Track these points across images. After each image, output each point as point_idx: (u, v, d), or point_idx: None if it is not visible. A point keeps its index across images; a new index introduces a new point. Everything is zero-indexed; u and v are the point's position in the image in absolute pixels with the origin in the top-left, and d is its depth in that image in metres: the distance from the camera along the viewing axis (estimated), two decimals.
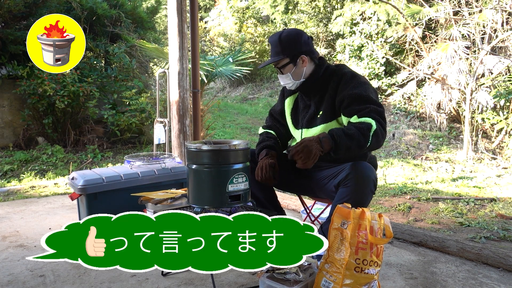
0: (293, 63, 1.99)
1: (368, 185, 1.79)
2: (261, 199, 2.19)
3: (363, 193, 1.79)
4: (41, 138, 6.31)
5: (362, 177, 1.78)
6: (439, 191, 4.66)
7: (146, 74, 8.17)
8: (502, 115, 6.82)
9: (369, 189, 1.80)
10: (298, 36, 1.98)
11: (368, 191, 1.80)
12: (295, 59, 1.98)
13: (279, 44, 1.99)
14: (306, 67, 2.00)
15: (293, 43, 1.98)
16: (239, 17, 13.15)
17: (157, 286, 1.83)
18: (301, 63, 1.99)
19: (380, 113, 1.79)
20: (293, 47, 1.98)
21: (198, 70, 3.72)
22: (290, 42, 1.98)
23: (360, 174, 1.79)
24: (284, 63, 1.99)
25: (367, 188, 1.79)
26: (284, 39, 1.98)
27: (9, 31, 5.90)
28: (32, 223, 2.91)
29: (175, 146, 3.70)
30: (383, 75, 9.03)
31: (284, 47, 1.98)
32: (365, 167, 1.82)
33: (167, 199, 2.17)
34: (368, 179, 1.79)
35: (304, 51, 1.98)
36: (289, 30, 2.02)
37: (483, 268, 2.00)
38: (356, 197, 1.78)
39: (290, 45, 1.98)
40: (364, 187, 1.79)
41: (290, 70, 2.00)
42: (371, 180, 1.80)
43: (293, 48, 1.98)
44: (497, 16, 6.66)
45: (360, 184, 1.78)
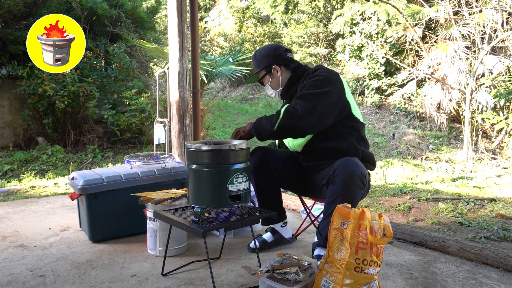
0: (269, 74, 2.23)
1: (354, 181, 1.80)
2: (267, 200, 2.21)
3: (350, 189, 1.81)
4: (41, 138, 6.31)
5: (348, 173, 1.80)
6: (439, 191, 4.66)
7: (146, 74, 8.17)
8: (502, 115, 6.82)
9: (356, 184, 1.81)
10: (271, 50, 2.22)
11: (355, 187, 1.81)
12: (270, 70, 2.21)
13: (254, 59, 2.27)
14: (281, 75, 2.21)
15: (266, 56, 2.22)
16: (239, 17, 13.14)
17: (157, 286, 1.83)
18: (275, 73, 2.22)
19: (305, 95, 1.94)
20: (266, 60, 2.22)
21: (198, 70, 3.71)
22: (263, 56, 2.23)
23: (345, 170, 1.81)
24: (262, 75, 2.25)
25: (353, 184, 1.80)
26: (258, 54, 2.25)
27: (9, 31, 5.90)
28: (32, 223, 2.91)
29: (175, 146, 3.70)
30: (383, 75, 9.03)
31: (259, 62, 2.24)
32: (351, 163, 1.83)
33: (167, 199, 2.17)
34: (353, 174, 1.80)
35: (276, 62, 2.20)
36: (264, 46, 2.29)
37: (483, 268, 2.00)
38: (345, 194, 1.80)
39: (264, 58, 2.23)
40: (350, 183, 1.80)
41: (268, 80, 2.25)
42: (357, 175, 1.80)
43: (267, 61, 2.22)
44: (497, 16, 6.66)
45: (347, 181, 1.80)
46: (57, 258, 2.19)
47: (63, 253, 2.27)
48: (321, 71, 2.05)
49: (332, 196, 1.83)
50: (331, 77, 2.00)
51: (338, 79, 2.03)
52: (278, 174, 2.18)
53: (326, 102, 1.92)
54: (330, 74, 2.03)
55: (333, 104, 1.95)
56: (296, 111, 1.88)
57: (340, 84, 2.01)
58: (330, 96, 1.93)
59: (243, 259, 2.15)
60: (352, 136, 2.03)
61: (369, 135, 7.98)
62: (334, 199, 1.82)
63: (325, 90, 1.93)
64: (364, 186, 1.87)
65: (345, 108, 2.01)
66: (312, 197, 2.32)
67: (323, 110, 1.90)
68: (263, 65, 2.22)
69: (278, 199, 2.28)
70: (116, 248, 2.34)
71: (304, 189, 2.22)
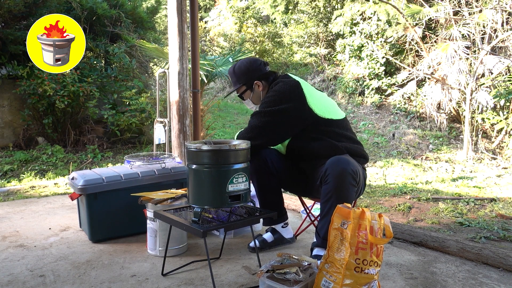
0: (250, 89, 2.23)
1: (346, 179, 1.80)
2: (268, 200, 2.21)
3: (343, 188, 1.80)
4: (41, 138, 6.31)
5: (339, 172, 1.80)
6: (439, 191, 4.66)
7: (146, 74, 8.17)
8: (502, 115, 6.82)
9: (348, 182, 1.80)
10: (250, 65, 2.20)
11: (347, 185, 1.81)
12: (251, 85, 2.21)
13: (234, 75, 2.24)
14: (262, 90, 2.21)
15: (246, 72, 2.20)
16: (239, 17, 13.14)
17: (157, 286, 1.83)
18: (257, 88, 2.21)
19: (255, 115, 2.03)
20: (246, 75, 2.20)
21: (198, 70, 3.71)
22: (243, 72, 2.21)
23: (336, 169, 1.81)
24: (242, 90, 2.24)
25: (345, 181, 1.80)
26: (237, 70, 2.22)
27: (9, 31, 5.90)
28: (32, 223, 2.91)
29: (175, 146, 3.70)
30: (383, 75, 9.03)
31: (238, 77, 2.22)
32: (341, 161, 1.83)
33: (167, 199, 2.17)
34: (344, 172, 1.80)
35: (257, 77, 2.19)
36: (242, 61, 2.25)
37: (483, 268, 2.00)
38: (338, 192, 1.80)
39: (244, 74, 2.21)
40: (342, 181, 1.80)
41: (249, 95, 2.24)
42: (348, 173, 1.80)
43: (247, 76, 2.20)
44: (497, 16, 6.66)
45: (338, 179, 1.80)
46: (57, 258, 2.19)
47: (63, 253, 2.27)
48: (277, 86, 2.06)
49: (326, 196, 1.83)
50: (285, 92, 2.01)
51: (294, 91, 2.01)
52: (278, 174, 2.18)
53: (275, 120, 1.99)
54: (286, 86, 2.02)
55: (285, 121, 2.00)
56: (245, 134, 2.03)
57: (297, 96, 2.00)
58: (280, 114, 1.98)
59: (243, 259, 2.15)
60: (329, 137, 2.02)
61: (369, 135, 7.98)
62: (328, 198, 1.82)
63: (275, 109, 1.98)
64: (357, 183, 1.86)
65: (305, 119, 2.01)
66: (311, 197, 2.32)
67: (272, 128, 1.98)
68: (243, 81, 2.22)
69: (279, 199, 2.28)
70: (116, 248, 2.34)
71: (303, 189, 2.22)
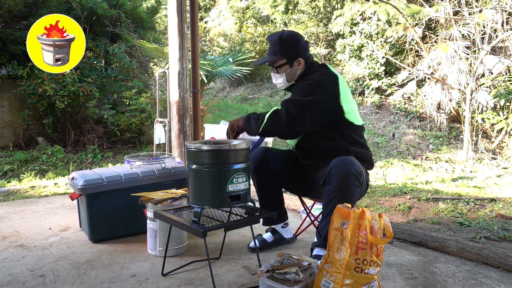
0: (289, 64, 2.07)
1: (350, 179, 1.79)
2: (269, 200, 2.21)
3: (346, 188, 1.80)
4: (41, 138, 6.31)
5: (343, 172, 1.80)
6: (439, 191, 4.66)
7: (146, 74, 8.16)
8: (502, 115, 6.82)
9: (352, 183, 1.80)
10: (298, 40, 2.07)
11: (351, 185, 1.80)
12: (292, 61, 2.06)
13: (279, 44, 2.05)
14: (300, 69, 2.09)
15: (293, 45, 2.06)
16: (239, 17, 13.14)
17: (157, 286, 1.83)
18: (296, 66, 2.08)
19: (293, 102, 1.90)
20: (292, 49, 2.05)
21: (198, 70, 3.71)
22: (290, 44, 2.05)
23: (340, 169, 1.80)
24: (281, 63, 2.07)
25: (349, 182, 1.79)
26: (285, 40, 2.05)
27: (9, 31, 5.90)
28: (32, 223, 2.91)
29: (175, 146, 3.70)
30: (383, 75, 9.03)
31: (283, 48, 2.05)
32: (346, 161, 1.83)
33: (167, 199, 2.17)
34: (348, 173, 1.79)
35: (301, 55, 2.07)
36: (290, 32, 2.09)
37: (483, 268, 2.00)
38: (341, 193, 1.79)
39: (290, 47, 2.05)
40: (346, 181, 1.79)
41: (286, 70, 2.08)
42: (352, 173, 1.79)
43: (292, 51, 2.05)
44: (497, 16, 6.66)
45: (342, 179, 1.79)
46: (57, 258, 2.19)
47: (63, 253, 2.27)
48: (317, 74, 1.99)
49: (329, 196, 1.83)
50: (324, 82, 1.94)
51: (333, 84, 1.95)
52: (279, 174, 2.18)
53: (310, 111, 1.89)
54: (326, 78, 1.97)
55: (319, 113, 1.92)
56: (279, 118, 1.89)
57: (334, 89, 1.94)
58: (316, 105, 1.90)
59: (243, 259, 2.15)
60: (344, 140, 2.01)
61: (369, 135, 7.98)
62: (331, 198, 1.82)
63: (312, 98, 1.89)
64: (361, 184, 1.87)
65: (334, 114, 1.97)
66: (312, 197, 2.32)
67: (306, 119, 1.90)
68: (286, 54, 2.05)
69: (279, 199, 2.28)
70: (116, 248, 2.34)
71: (303, 189, 2.22)
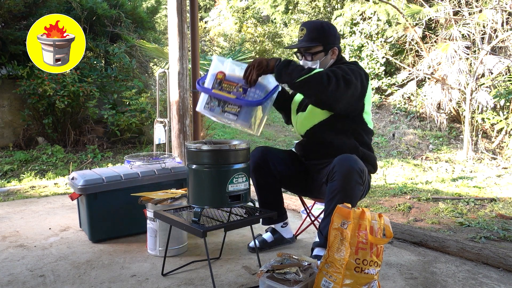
0: (324, 53, 2.06)
1: (353, 176, 1.79)
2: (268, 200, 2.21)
3: (349, 185, 1.79)
4: (41, 138, 6.31)
5: (346, 169, 1.79)
6: (439, 191, 4.66)
7: (146, 74, 8.16)
8: (502, 115, 6.82)
9: (354, 180, 1.80)
10: (335, 29, 2.11)
11: (353, 182, 1.80)
12: (328, 49, 2.06)
13: (319, 30, 2.05)
14: (332, 59, 2.10)
15: (331, 34, 2.07)
16: (239, 17, 13.14)
17: (157, 286, 1.83)
18: (330, 55, 2.08)
19: (341, 75, 1.81)
20: (330, 37, 2.06)
21: (198, 70, 3.71)
22: (329, 32, 2.06)
23: (343, 166, 1.80)
24: (317, 50, 2.05)
25: (352, 179, 1.79)
26: (325, 27, 2.06)
27: (9, 31, 5.90)
28: (32, 223, 2.91)
29: (175, 146, 3.70)
30: (383, 75, 9.03)
31: (322, 35, 2.04)
32: (349, 159, 1.82)
33: (167, 199, 2.17)
34: (351, 170, 1.79)
35: (337, 44, 2.10)
36: (327, 22, 2.14)
37: (483, 268, 2.00)
38: (344, 190, 1.79)
39: (329, 34, 2.06)
40: (349, 178, 1.79)
41: (320, 58, 2.06)
42: (355, 171, 1.79)
43: (330, 38, 2.06)
44: (497, 16, 6.67)
45: (345, 176, 1.79)
46: (57, 258, 2.19)
47: (63, 253, 2.27)
48: (353, 65, 2.01)
49: (332, 193, 1.83)
50: (361, 74, 1.95)
51: (366, 79, 1.99)
52: (279, 174, 2.18)
53: (351, 91, 1.85)
54: (362, 71, 1.99)
55: (352, 98, 1.90)
56: (327, 80, 1.77)
57: (365, 85, 1.97)
58: (354, 89, 1.87)
59: (243, 259, 2.15)
60: (356, 138, 2.02)
61: None
62: (333, 196, 1.81)
63: (353, 81, 1.87)
64: (363, 182, 1.86)
65: (357, 109, 1.99)
66: (312, 197, 2.32)
67: (344, 97, 1.84)
68: (324, 41, 2.04)
69: (278, 199, 2.28)
70: (116, 248, 2.34)
71: (304, 189, 2.22)
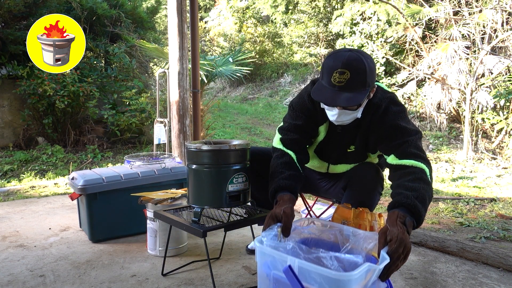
0: (368, 95, 1.58)
1: (375, 187, 1.75)
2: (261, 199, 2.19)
3: (369, 195, 1.75)
4: (41, 138, 6.31)
5: (367, 179, 1.74)
6: (439, 191, 4.66)
7: (146, 74, 8.17)
8: (502, 115, 6.82)
9: (377, 190, 1.76)
10: (373, 61, 1.56)
11: (375, 193, 1.76)
12: (370, 90, 1.57)
13: (365, 72, 1.47)
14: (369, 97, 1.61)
15: (374, 70, 1.53)
16: (239, 17, 13.15)
17: (157, 286, 1.83)
18: (370, 95, 1.60)
19: (418, 146, 1.55)
20: (374, 75, 1.53)
21: (198, 70, 3.72)
22: (373, 69, 1.52)
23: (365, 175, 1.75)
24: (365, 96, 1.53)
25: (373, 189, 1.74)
26: (371, 65, 1.50)
27: (9, 31, 5.90)
28: (32, 223, 2.91)
29: (175, 146, 3.70)
30: (383, 75, 9.03)
31: (370, 77, 1.50)
32: (371, 167, 1.78)
33: (167, 199, 2.17)
34: (373, 180, 1.74)
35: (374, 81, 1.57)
36: (366, 54, 1.53)
37: (483, 268, 2.00)
38: (363, 199, 1.73)
39: (373, 72, 1.52)
40: (370, 188, 1.74)
41: (363, 105, 1.60)
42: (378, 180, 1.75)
43: (374, 77, 1.53)
44: (497, 16, 6.66)
45: (366, 186, 1.74)
46: (57, 258, 2.19)
47: (63, 253, 2.27)
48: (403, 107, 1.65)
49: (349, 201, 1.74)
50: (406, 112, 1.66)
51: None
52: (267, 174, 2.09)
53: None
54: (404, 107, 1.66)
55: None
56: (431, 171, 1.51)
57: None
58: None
59: (243, 259, 2.15)
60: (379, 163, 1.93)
61: None
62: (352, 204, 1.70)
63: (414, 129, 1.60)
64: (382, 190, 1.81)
65: None
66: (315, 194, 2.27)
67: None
68: (372, 83, 1.52)
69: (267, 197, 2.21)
70: (116, 248, 2.34)
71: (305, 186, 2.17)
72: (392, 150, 1.57)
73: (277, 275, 1.21)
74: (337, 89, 1.48)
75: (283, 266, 1.16)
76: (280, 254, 1.21)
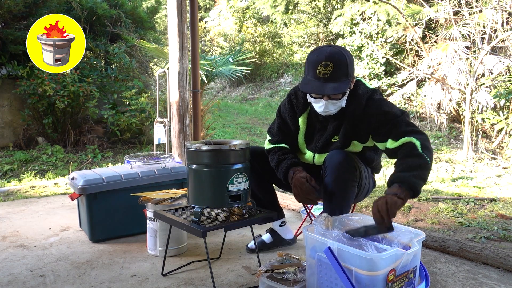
0: (350, 85, 1.73)
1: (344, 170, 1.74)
2: (261, 199, 2.19)
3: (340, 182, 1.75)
4: (41, 138, 6.31)
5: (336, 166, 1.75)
6: (439, 191, 4.66)
7: (146, 74, 8.17)
8: (502, 115, 6.82)
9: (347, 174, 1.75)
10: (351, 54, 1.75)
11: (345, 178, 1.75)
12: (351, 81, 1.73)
13: (345, 63, 1.66)
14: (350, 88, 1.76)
15: (352, 62, 1.72)
16: (239, 17, 13.15)
17: (157, 286, 1.83)
18: (351, 85, 1.75)
19: (408, 122, 1.69)
20: (353, 66, 1.72)
21: (198, 70, 3.72)
22: (352, 61, 1.71)
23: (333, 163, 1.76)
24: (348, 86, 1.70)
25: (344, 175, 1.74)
26: (349, 57, 1.69)
27: (9, 31, 5.90)
28: (32, 223, 2.91)
29: (175, 146, 3.70)
30: (383, 75, 9.03)
31: (350, 68, 1.68)
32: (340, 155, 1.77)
33: (167, 199, 2.17)
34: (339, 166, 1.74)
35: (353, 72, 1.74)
36: (343, 48, 1.73)
37: (483, 268, 2.00)
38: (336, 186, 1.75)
39: (352, 64, 1.71)
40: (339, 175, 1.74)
41: (346, 94, 1.75)
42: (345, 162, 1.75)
43: (353, 68, 1.72)
44: (497, 16, 6.66)
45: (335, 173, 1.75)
46: (57, 258, 2.19)
47: (63, 253, 2.27)
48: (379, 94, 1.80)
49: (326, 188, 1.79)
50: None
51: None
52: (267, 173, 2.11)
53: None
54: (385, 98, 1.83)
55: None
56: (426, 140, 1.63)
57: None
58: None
59: (243, 259, 2.15)
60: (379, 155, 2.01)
61: None
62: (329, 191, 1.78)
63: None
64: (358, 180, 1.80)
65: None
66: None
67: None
68: (352, 73, 1.70)
69: (270, 197, 2.22)
70: (116, 248, 2.34)
71: None
72: (387, 135, 1.70)
73: (320, 256, 1.47)
74: (323, 81, 1.66)
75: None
76: (323, 239, 1.46)
